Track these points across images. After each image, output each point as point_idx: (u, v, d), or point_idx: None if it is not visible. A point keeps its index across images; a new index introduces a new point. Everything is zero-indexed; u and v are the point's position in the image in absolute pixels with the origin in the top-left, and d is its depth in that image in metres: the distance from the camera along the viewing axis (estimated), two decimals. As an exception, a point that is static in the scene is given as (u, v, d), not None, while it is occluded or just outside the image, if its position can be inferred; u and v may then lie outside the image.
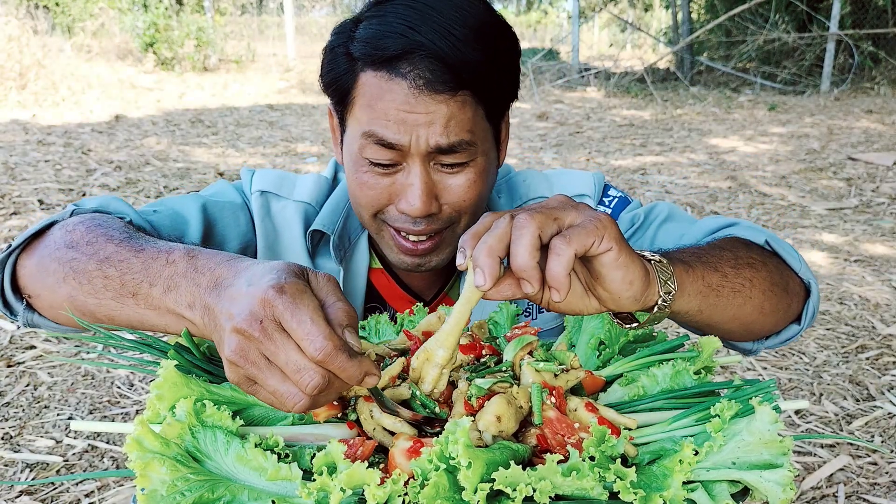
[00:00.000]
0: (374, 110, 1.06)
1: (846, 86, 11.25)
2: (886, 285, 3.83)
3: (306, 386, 0.70)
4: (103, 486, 2.21)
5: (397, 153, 1.07)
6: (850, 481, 2.28)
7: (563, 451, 0.77)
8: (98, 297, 0.90)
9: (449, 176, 1.10)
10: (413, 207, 1.08)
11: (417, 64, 1.02)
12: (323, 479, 0.67)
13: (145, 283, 0.86)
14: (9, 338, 3.08)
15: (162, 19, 13.16)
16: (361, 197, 1.14)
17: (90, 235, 0.95)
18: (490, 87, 1.09)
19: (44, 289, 0.98)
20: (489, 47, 1.06)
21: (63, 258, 0.95)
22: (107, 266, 0.90)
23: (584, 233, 0.74)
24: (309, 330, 0.69)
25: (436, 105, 1.03)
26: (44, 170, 5.79)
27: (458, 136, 1.06)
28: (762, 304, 1.02)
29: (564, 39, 15.59)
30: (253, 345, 0.71)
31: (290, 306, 0.70)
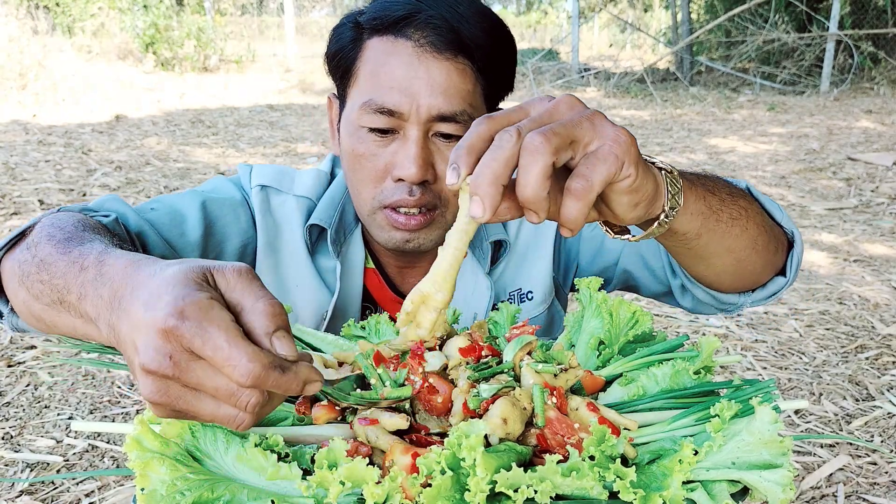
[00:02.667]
0: (378, 76, 1.07)
1: (846, 86, 11.25)
2: (886, 285, 3.84)
3: (245, 405, 0.62)
4: (103, 486, 2.21)
5: (396, 120, 1.07)
6: (849, 481, 2.28)
7: (563, 452, 0.77)
8: (40, 302, 0.84)
9: (445, 147, 1.10)
10: (409, 172, 1.07)
11: (422, 27, 1.05)
12: (322, 473, 0.67)
13: (65, 290, 0.78)
14: (9, 338, 3.08)
15: (162, 20, 13.16)
16: (360, 172, 1.12)
17: (39, 236, 0.89)
18: (490, 65, 1.10)
19: (12, 293, 0.93)
20: (491, 30, 1.09)
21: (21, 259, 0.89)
22: (42, 270, 0.83)
23: (605, 166, 0.66)
24: (228, 355, 0.59)
25: (438, 67, 1.05)
26: (44, 170, 5.79)
27: (459, 106, 1.07)
28: (756, 237, 0.97)
29: (564, 40, 15.60)
30: (171, 382, 0.61)
31: (197, 333, 0.59)
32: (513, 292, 1.31)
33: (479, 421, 0.72)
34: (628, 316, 1.01)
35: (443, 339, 0.97)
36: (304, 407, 0.86)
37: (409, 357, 0.89)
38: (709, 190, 0.89)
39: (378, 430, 0.77)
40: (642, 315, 1.01)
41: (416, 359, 0.88)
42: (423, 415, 0.83)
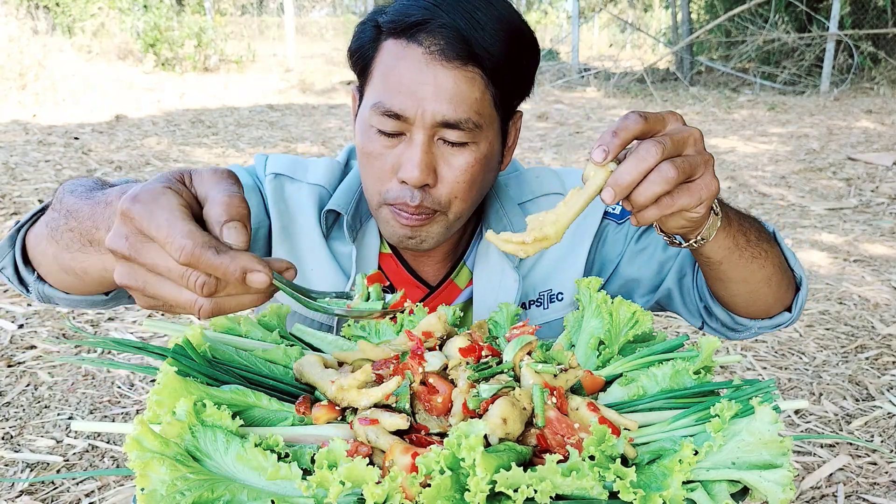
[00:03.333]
0: (388, 80, 1.10)
1: (846, 86, 11.25)
2: (886, 285, 3.84)
3: (195, 287, 0.66)
4: (103, 486, 2.21)
5: (402, 123, 1.10)
6: (849, 481, 2.28)
7: (563, 452, 0.77)
8: (70, 251, 0.91)
9: (450, 153, 1.12)
10: (411, 175, 1.09)
11: (434, 33, 1.07)
12: (322, 472, 0.67)
13: (93, 228, 0.85)
14: (9, 338, 3.08)
15: (163, 20, 13.16)
16: (368, 168, 1.16)
17: (62, 194, 0.96)
18: (502, 75, 1.12)
19: (39, 255, 1.00)
20: (507, 37, 1.11)
21: (46, 219, 0.96)
22: (70, 219, 0.90)
23: (690, 200, 0.85)
24: (166, 233, 0.64)
25: (445, 74, 1.07)
26: (44, 170, 5.79)
27: (465, 113, 1.09)
28: (771, 275, 1.13)
29: (564, 40, 15.60)
30: (133, 263, 0.68)
31: (144, 213, 0.66)
32: (543, 292, 1.35)
33: (478, 421, 0.72)
34: (628, 316, 1.01)
35: (443, 339, 0.97)
36: (304, 407, 0.86)
37: (409, 357, 0.89)
38: (741, 230, 1.06)
39: (378, 430, 0.77)
40: (642, 315, 1.02)
41: (416, 359, 0.88)
42: (423, 415, 0.83)
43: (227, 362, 0.90)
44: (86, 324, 3.26)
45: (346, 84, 12.87)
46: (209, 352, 0.89)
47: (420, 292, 1.34)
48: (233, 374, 0.88)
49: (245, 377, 0.89)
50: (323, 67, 15.01)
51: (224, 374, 0.86)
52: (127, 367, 0.89)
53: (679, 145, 0.84)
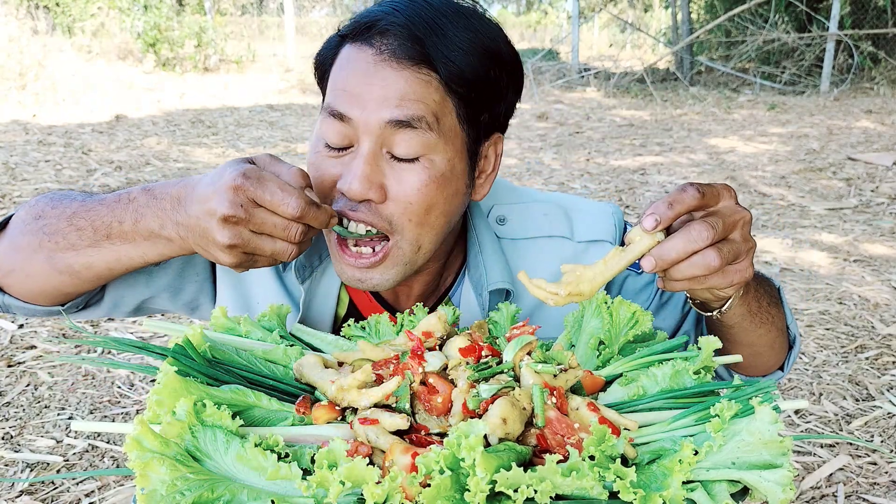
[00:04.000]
0: (336, 83, 1.05)
1: (846, 86, 11.25)
2: (886, 285, 3.84)
3: (294, 236, 0.91)
4: (103, 486, 2.21)
5: (349, 130, 1.01)
6: (849, 481, 2.28)
7: (563, 452, 0.77)
8: (75, 249, 1.01)
9: (399, 168, 1.01)
10: (350, 187, 0.99)
11: (388, 35, 1.01)
12: (322, 472, 0.67)
13: (115, 223, 0.99)
14: (9, 338, 3.08)
15: (163, 20, 13.16)
16: (315, 184, 1.05)
17: (53, 203, 1.06)
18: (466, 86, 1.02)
19: (18, 262, 1.06)
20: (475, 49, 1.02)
21: (33, 229, 1.05)
22: (76, 219, 1.02)
23: (722, 281, 0.88)
24: (281, 198, 0.88)
25: (395, 76, 0.99)
26: (44, 170, 5.79)
27: (416, 111, 0.99)
28: (775, 339, 1.15)
29: (564, 40, 15.60)
30: (241, 226, 0.88)
31: (258, 185, 0.87)
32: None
33: (478, 421, 0.72)
34: (628, 316, 1.01)
35: (443, 339, 0.97)
36: (304, 407, 0.86)
37: (409, 357, 0.89)
38: (756, 296, 1.07)
39: (378, 430, 0.77)
40: (642, 315, 1.02)
41: (416, 359, 0.88)
42: (423, 415, 0.83)
43: (227, 362, 0.90)
44: (86, 324, 3.26)
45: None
46: (209, 352, 0.89)
47: None
48: (233, 374, 0.88)
49: (245, 377, 0.89)
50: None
51: (224, 374, 0.86)
52: (127, 366, 0.89)
53: (728, 229, 0.85)
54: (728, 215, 0.86)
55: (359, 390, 0.83)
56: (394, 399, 0.83)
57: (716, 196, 0.86)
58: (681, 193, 0.84)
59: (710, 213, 0.86)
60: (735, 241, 0.86)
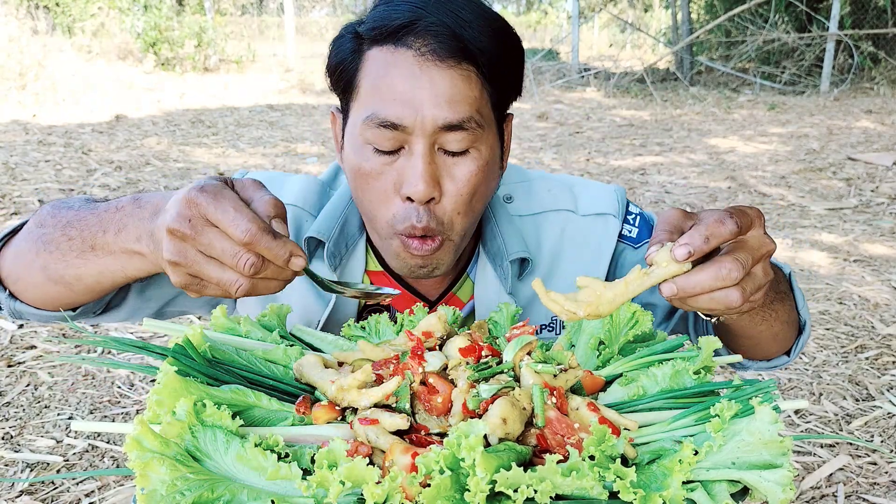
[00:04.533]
0: (379, 90, 1.02)
1: (846, 86, 11.25)
2: (886, 285, 3.84)
3: (244, 267, 0.79)
4: (103, 486, 2.21)
5: (400, 134, 1.02)
6: (849, 481, 2.28)
7: (563, 452, 0.77)
8: (65, 259, 0.99)
9: (451, 163, 1.05)
10: (416, 189, 1.01)
11: (423, 34, 1.00)
12: (322, 472, 0.67)
13: (100, 233, 0.95)
14: (9, 338, 3.08)
15: (163, 20, 13.16)
16: (368, 192, 1.07)
17: (54, 211, 1.05)
18: (496, 71, 1.05)
19: (22, 270, 1.06)
20: (495, 34, 1.05)
21: (34, 237, 1.04)
22: (69, 229, 0.99)
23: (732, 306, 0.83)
24: (233, 217, 0.78)
25: (441, 75, 1.00)
26: (44, 170, 5.79)
27: (466, 113, 1.01)
28: (778, 332, 1.14)
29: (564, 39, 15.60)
30: (187, 243, 0.80)
31: (211, 200, 0.79)
32: (554, 318, 1.28)
33: (478, 421, 0.72)
34: (628, 316, 1.01)
35: (443, 339, 0.97)
36: (304, 407, 0.86)
37: (409, 357, 0.89)
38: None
39: (378, 430, 0.77)
40: (642, 315, 1.02)
41: (416, 359, 0.88)
42: (423, 415, 0.83)
43: (227, 362, 0.90)
44: (86, 324, 3.26)
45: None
46: (209, 352, 0.89)
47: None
48: (233, 374, 0.88)
49: (245, 377, 0.89)
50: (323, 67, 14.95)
51: (224, 374, 0.86)
52: (127, 366, 0.89)
53: (756, 262, 0.84)
54: (756, 248, 0.83)
55: (359, 390, 0.83)
56: (394, 399, 0.83)
57: (748, 225, 0.84)
58: (719, 227, 0.80)
59: (740, 244, 0.83)
60: (757, 275, 0.84)
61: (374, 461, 0.76)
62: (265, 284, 0.83)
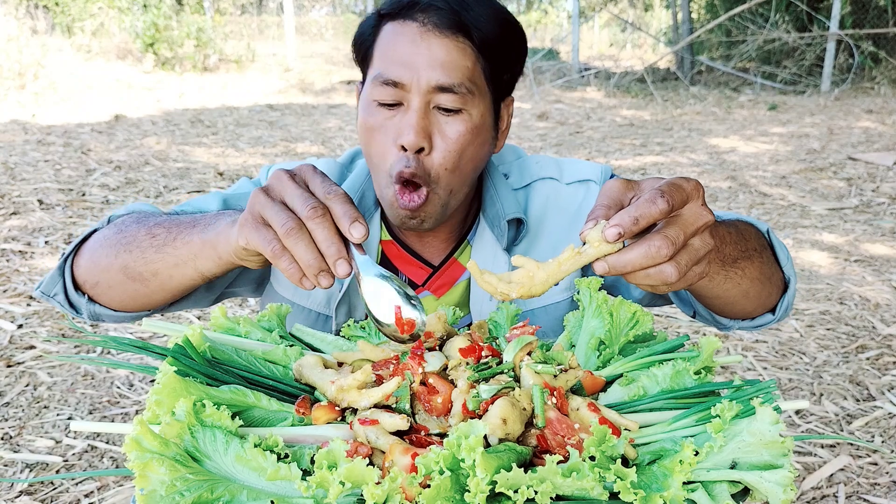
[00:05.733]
0: (386, 54, 1.19)
1: (846, 86, 11.25)
2: (886, 285, 3.83)
3: (305, 209, 0.86)
4: (103, 486, 2.21)
5: (400, 92, 1.17)
6: (850, 481, 2.28)
7: (563, 452, 0.77)
8: (144, 256, 1.11)
9: (444, 120, 1.19)
10: (408, 138, 1.16)
11: (427, 10, 1.18)
12: (322, 473, 0.66)
13: (188, 229, 1.07)
14: (9, 338, 3.08)
15: (162, 19, 13.16)
16: (372, 143, 1.22)
17: (136, 217, 1.19)
18: (491, 49, 1.20)
19: (101, 273, 1.17)
20: (493, 16, 1.20)
21: (112, 241, 1.16)
22: (157, 228, 1.12)
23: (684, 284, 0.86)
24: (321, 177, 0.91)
25: (438, 44, 1.16)
26: (43, 170, 5.79)
27: (457, 78, 1.16)
28: (748, 290, 1.14)
29: (564, 39, 15.60)
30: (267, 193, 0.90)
31: (302, 170, 0.93)
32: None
33: (478, 421, 0.71)
34: (628, 316, 1.01)
35: (443, 339, 0.97)
36: (303, 407, 0.85)
37: (409, 357, 0.89)
38: (719, 259, 1.03)
39: (378, 431, 0.77)
40: (643, 315, 1.01)
41: (416, 359, 0.88)
42: (423, 415, 0.83)
43: (227, 362, 0.90)
44: (85, 324, 3.26)
45: (346, 83, 12.88)
46: (209, 352, 0.89)
47: (423, 272, 1.37)
48: (232, 374, 0.88)
49: (245, 377, 0.89)
50: (322, 67, 15.01)
51: (224, 375, 0.86)
52: (126, 366, 0.89)
53: (690, 237, 0.84)
54: (691, 223, 0.84)
55: (359, 391, 0.83)
56: (394, 399, 0.83)
57: (683, 200, 0.84)
58: (650, 207, 0.81)
59: (673, 219, 0.84)
60: (694, 247, 0.85)
61: (374, 462, 0.76)
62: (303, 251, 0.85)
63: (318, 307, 1.35)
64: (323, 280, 0.86)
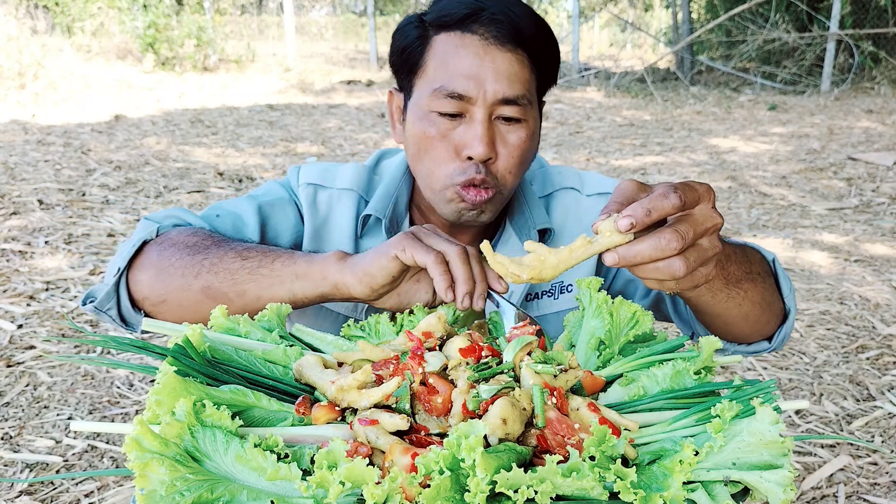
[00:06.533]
0: (448, 66, 1.20)
1: (846, 86, 11.25)
2: (886, 285, 3.83)
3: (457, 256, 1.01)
4: (103, 486, 2.21)
5: (464, 104, 1.19)
6: (850, 481, 2.28)
7: (563, 452, 0.77)
8: (233, 277, 1.14)
9: (506, 130, 1.22)
10: (476, 150, 1.19)
11: (486, 23, 1.19)
12: (322, 473, 0.66)
13: (286, 258, 1.13)
14: (8, 338, 3.08)
15: (162, 19, 13.16)
16: (431, 152, 1.24)
17: (210, 239, 1.20)
18: (542, 59, 1.24)
19: (173, 292, 1.17)
20: (540, 28, 1.24)
21: (193, 262, 1.16)
22: (248, 251, 1.16)
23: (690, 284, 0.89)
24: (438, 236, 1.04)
25: (502, 57, 1.19)
26: (43, 170, 5.79)
27: (520, 90, 1.20)
28: (748, 312, 1.16)
29: (564, 39, 15.59)
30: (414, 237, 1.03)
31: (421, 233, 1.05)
32: (556, 283, 1.41)
33: (478, 421, 0.71)
34: (628, 316, 1.01)
35: (443, 339, 0.97)
36: (303, 407, 0.85)
37: (409, 357, 0.89)
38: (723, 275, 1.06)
39: (378, 431, 0.77)
40: (643, 315, 1.01)
41: (416, 359, 0.88)
42: (423, 415, 0.83)
43: (227, 362, 0.90)
44: (85, 324, 3.26)
45: (346, 83, 12.87)
46: (209, 352, 0.89)
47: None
48: (232, 374, 0.88)
49: (245, 377, 0.89)
50: (322, 67, 15.01)
51: (224, 375, 0.86)
52: (126, 366, 0.89)
53: (698, 236, 0.86)
54: (700, 222, 0.86)
55: (359, 391, 0.83)
56: (394, 399, 0.83)
57: (695, 200, 0.86)
58: (662, 200, 0.83)
59: (684, 217, 0.86)
60: (703, 246, 0.87)
61: (374, 462, 0.76)
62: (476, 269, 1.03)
63: (346, 311, 1.36)
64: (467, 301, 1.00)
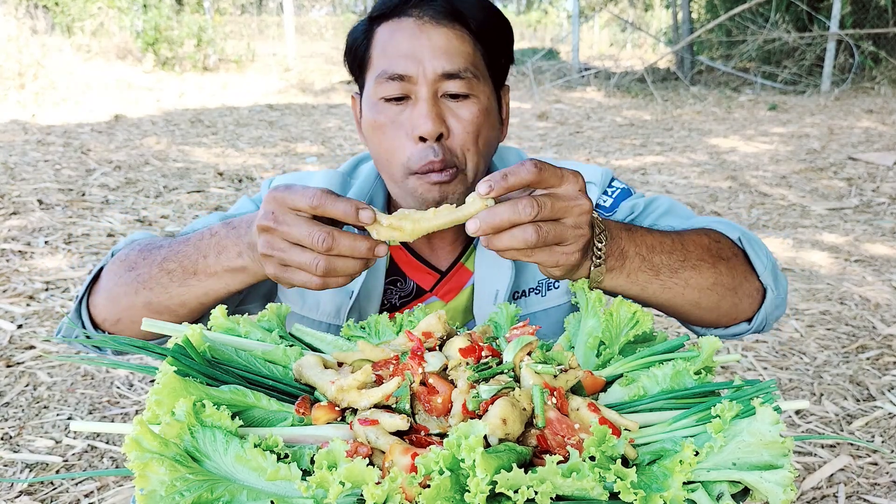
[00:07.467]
0: (386, 52, 1.19)
1: (847, 85, 11.25)
2: (887, 285, 3.83)
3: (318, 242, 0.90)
4: (103, 486, 2.20)
5: (406, 85, 1.17)
6: (850, 481, 2.27)
7: (564, 452, 0.77)
8: (167, 291, 1.11)
9: (455, 106, 1.20)
10: (425, 127, 1.15)
11: (420, 5, 1.19)
12: (322, 473, 0.66)
13: (200, 258, 1.07)
14: (8, 338, 3.08)
15: (162, 19, 13.15)
16: (384, 141, 1.21)
17: (142, 253, 1.17)
18: (485, 34, 1.22)
19: (121, 310, 1.17)
20: (483, 4, 1.23)
21: (128, 280, 1.15)
22: (167, 263, 1.11)
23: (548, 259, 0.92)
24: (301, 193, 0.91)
25: (438, 33, 1.17)
26: (43, 170, 5.79)
27: (461, 64, 1.18)
28: (697, 300, 1.13)
29: (564, 39, 15.59)
30: (274, 234, 0.93)
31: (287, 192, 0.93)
32: (541, 280, 1.39)
33: (478, 421, 0.71)
34: (628, 316, 1.01)
35: (443, 339, 0.97)
36: (303, 408, 0.85)
37: (409, 357, 0.89)
38: (650, 268, 1.06)
39: (378, 431, 0.77)
40: (642, 315, 1.01)
41: (416, 359, 0.88)
42: (423, 415, 0.83)
43: (227, 362, 0.90)
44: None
45: (346, 83, 12.87)
46: (209, 352, 0.89)
47: (432, 278, 1.37)
48: (232, 374, 0.88)
49: (245, 377, 0.89)
50: (322, 67, 15.01)
51: (224, 375, 0.86)
52: (126, 366, 0.89)
53: (559, 212, 0.89)
54: (562, 199, 0.89)
55: (358, 391, 0.83)
56: (394, 399, 0.83)
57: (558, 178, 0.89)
58: (519, 167, 0.87)
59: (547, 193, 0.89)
60: (564, 224, 0.89)
61: (374, 462, 0.76)
62: (343, 264, 0.93)
63: (328, 318, 1.34)
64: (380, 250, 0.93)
